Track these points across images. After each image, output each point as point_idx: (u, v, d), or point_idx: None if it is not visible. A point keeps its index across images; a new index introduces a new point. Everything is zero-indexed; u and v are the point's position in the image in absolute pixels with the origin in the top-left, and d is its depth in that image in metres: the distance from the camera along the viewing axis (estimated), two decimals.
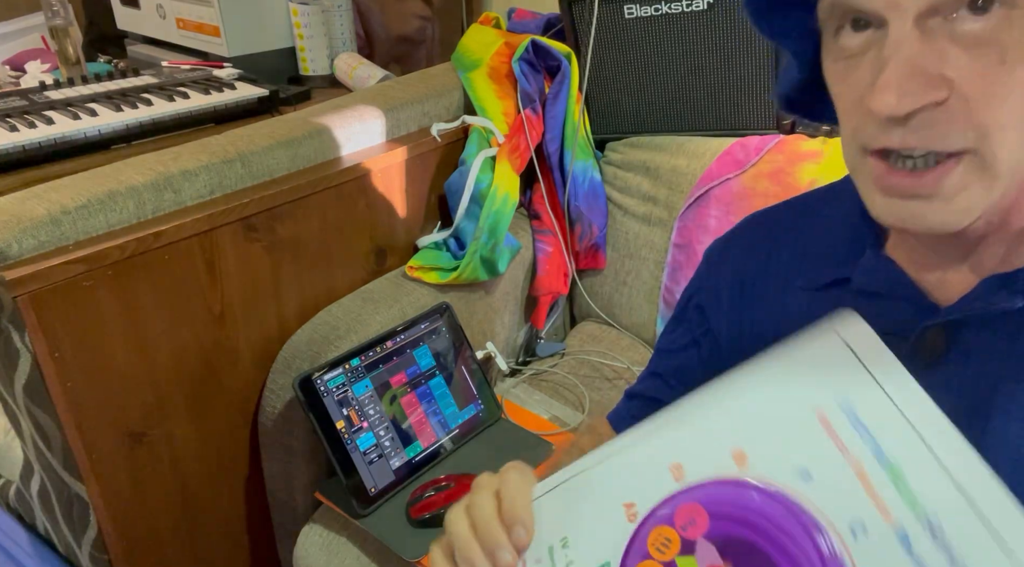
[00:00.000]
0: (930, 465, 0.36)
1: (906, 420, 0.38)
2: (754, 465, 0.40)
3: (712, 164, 1.26)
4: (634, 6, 1.26)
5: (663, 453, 0.44)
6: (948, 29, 0.41)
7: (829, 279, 0.57)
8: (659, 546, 0.41)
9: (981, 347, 0.49)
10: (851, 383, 0.39)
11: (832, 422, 0.39)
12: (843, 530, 0.37)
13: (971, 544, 0.33)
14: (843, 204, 0.57)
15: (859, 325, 0.41)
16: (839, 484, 0.37)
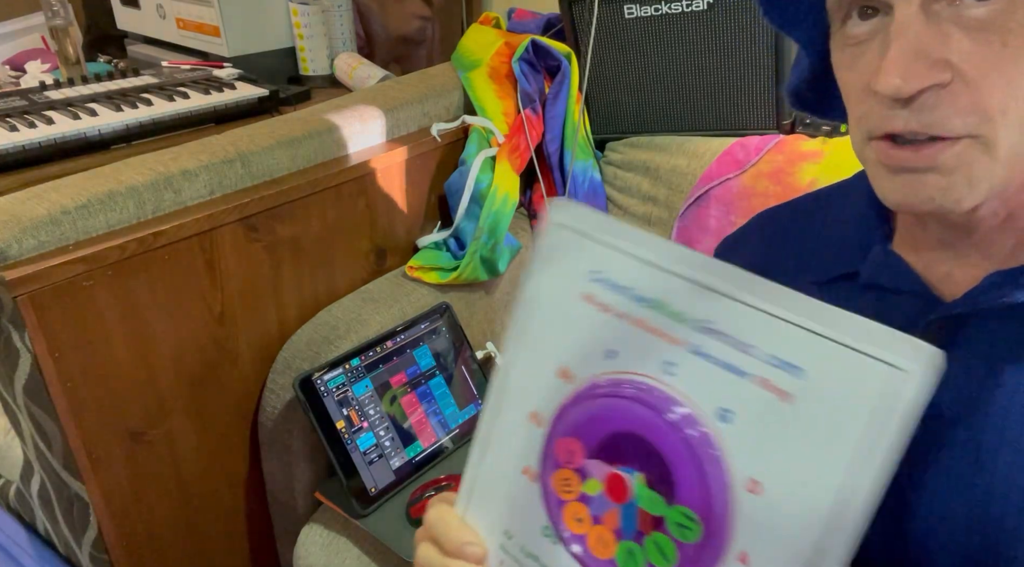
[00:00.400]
0: (676, 283, 0.39)
1: (641, 260, 0.41)
2: (577, 372, 0.43)
3: (712, 164, 1.26)
4: (634, 6, 1.26)
5: (517, 410, 0.46)
6: (952, 13, 0.42)
7: (837, 273, 0.57)
8: (565, 487, 0.43)
9: (986, 341, 0.49)
10: (589, 257, 0.42)
11: (597, 297, 0.42)
12: (657, 373, 0.40)
13: (740, 322, 0.37)
14: (852, 200, 0.58)
15: (570, 208, 0.44)
16: (637, 343, 0.40)
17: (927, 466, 0.51)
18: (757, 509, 0.37)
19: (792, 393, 0.36)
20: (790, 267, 0.61)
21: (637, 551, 0.41)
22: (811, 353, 0.35)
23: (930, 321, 0.50)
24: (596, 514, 0.42)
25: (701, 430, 0.38)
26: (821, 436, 0.35)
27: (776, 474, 0.36)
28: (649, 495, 0.40)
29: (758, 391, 0.36)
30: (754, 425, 0.37)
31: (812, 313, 0.36)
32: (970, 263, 0.51)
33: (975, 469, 0.49)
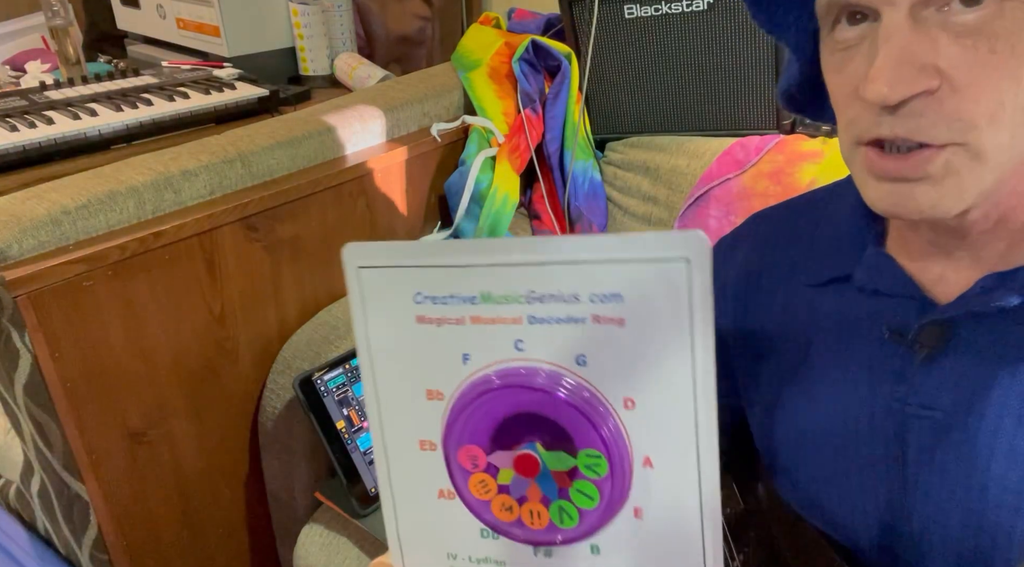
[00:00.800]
0: (488, 272, 0.42)
1: (448, 267, 0.43)
2: (443, 389, 0.45)
3: (712, 164, 1.26)
4: (634, 6, 1.26)
5: (407, 446, 0.48)
6: (941, 20, 0.42)
7: (831, 276, 0.57)
8: (483, 489, 0.45)
9: (978, 344, 0.49)
10: (405, 284, 0.44)
11: (428, 315, 0.44)
12: (511, 354, 0.43)
13: (555, 280, 0.41)
14: (847, 202, 0.58)
15: (362, 248, 0.45)
16: (482, 338, 0.44)
17: (922, 467, 0.51)
18: (639, 419, 0.42)
19: (622, 317, 0.41)
20: (784, 268, 0.61)
21: (566, 505, 0.44)
22: (618, 279, 0.40)
23: (923, 324, 0.51)
24: (520, 496, 0.45)
25: (569, 381, 0.42)
26: (660, 339, 0.41)
27: (641, 386, 0.42)
28: (554, 456, 0.43)
29: (597, 328, 0.41)
30: (608, 356, 0.42)
31: (604, 247, 0.40)
32: (962, 266, 0.51)
33: (969, 471, 0.49)
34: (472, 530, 0.48)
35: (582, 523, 0.44)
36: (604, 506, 0.44)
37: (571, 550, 0.46)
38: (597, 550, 0.46)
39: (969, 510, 0.50)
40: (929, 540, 0.52)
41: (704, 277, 0.39)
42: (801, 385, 0.58)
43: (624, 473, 0.43)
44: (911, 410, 0.51)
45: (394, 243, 0.45)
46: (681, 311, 0.40)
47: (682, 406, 0.42)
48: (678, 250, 0.39)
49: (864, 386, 0.54)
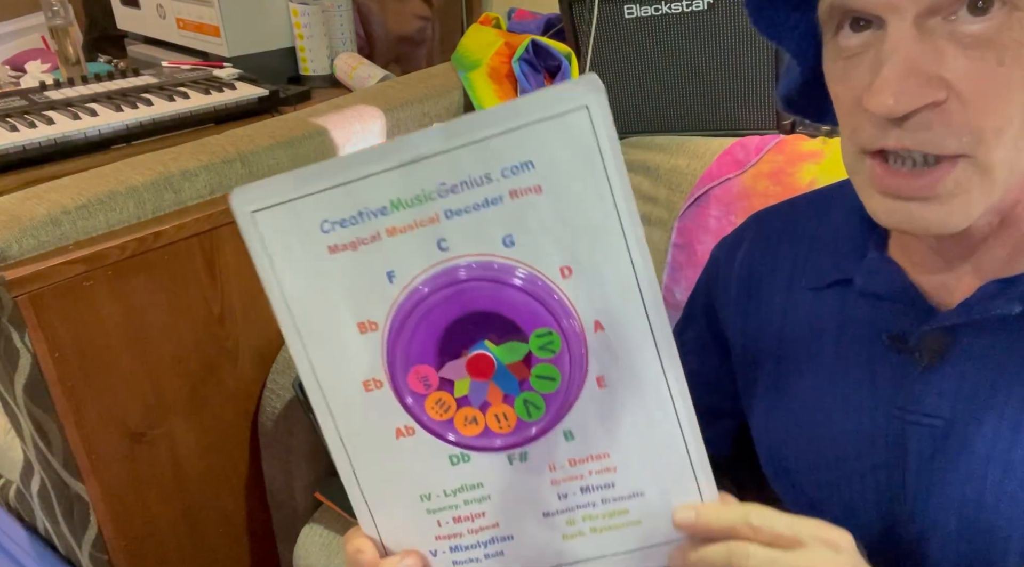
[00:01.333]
0: (390, 177, 0.41)
1: (346, 184, 0.41)
2: (374, 316, 0.43)
3: (712, 164, 1.26)
4: (634, 6, 1.26)
5: (349, 392, 0.45)
6: (947, 30, 0.41)
7: (832, 279, 0.57)
8: (442, 409, 0.44)
9: (980, 351, 0.49)
10: (306, 215, 0.42)
11: (340, 240, 0.42)
12: (436, 257, 0.42)
13: (462, 165, 0.40)
14: (848, 204, 0.57)
15: (248, 190, 0.42)
16: (402, 249, 0.42)
17: (921, 474, 0.51)
18: (579, 284, 0.42)
19: (539, 183, 0.40)
20: (786, 270, 0.61)
21: (530, 396, 0.43)
22: (525, 146, 0.40)
23: (924, 332, 0.50)
24: (481, 402, 0.44)
25: (499, 266, 0.41)
26: (579, 196, 0.40)
27: (573, 250, 0.41)
28: (506, 348, 0.42)
29: (516, 203, 0.41)
30: (534, 229, 0.41)
31: (502, 118, 0.39)
32: (965, 272, 0.50)
33: (966, 478, 0.49)
34: (440, 461, 0.46)
35: (549, 409, 0.43)
36: (567, 384, 0.43)
37: (545, 445, 0.45)
38: (571, 435, 0.45)
39: (966, 517, 0.49)
40: (928, 545, 0.52)
41: (606, 120, 0.39)
42: (801, 389, 0.58)
43: (579, 343, 0.42)
44: (911, 418, 0.51)
45: (283, 175, 0.42)
46: (593, 160, 0.40)
47: (618, 260, 0.41)
48: (576, 100, 0.39)
49: (864, 392, 0.54)
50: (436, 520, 0.47)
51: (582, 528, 0.47)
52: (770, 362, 0.61)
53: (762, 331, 0.61)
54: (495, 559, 0.48)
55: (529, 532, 0.47)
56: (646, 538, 0.46)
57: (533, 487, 0.46)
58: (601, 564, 0.47)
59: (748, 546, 0.42)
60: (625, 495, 0.46)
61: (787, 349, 0.59)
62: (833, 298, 0.57)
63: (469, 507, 0.47)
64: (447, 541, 0.48)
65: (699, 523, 0.44)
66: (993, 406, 0.48)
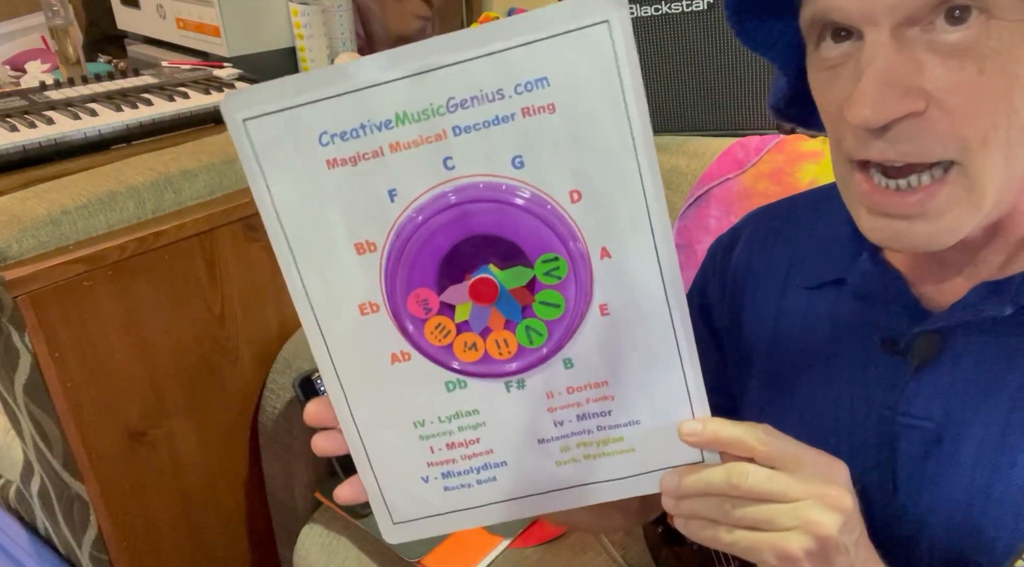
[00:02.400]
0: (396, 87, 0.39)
1: (350, 94, 0.39)
2: (374, 236, 0.42)
3: (712, 164, 1.26)
4: (634, 6, 1.26)
5: (345, 317, 0.44)
6: (926, 39, 0.41)
7: (826, 279, 0.57)
8: (442, 334, 0.43)
9: (971, 353, 0.49)
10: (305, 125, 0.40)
11: (340, 155, 0.40)
12: (441, 176, 0.40)
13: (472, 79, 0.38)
14: (844, 204, 0.57)
15: (242, 94, 0.40)
16: (406, 166, 0.40)
17: (911, 475, 0.51)
18: (588, 209, 0.40)
19: (552, 101, 0.38)
20: (782, 268, 0.61)
21: (532, 323, 0.42)
22: (541, 61, 0.38)
23: (916, 334, 0.50)
24: (482, 328, 0.43)
25: (507, 188, 0.40)
26: (593, 116, 0.39)
27: (584, 174, 0.40)
28: (511, 273, 0.41)
29: (528, 122, 0.39)
30: (544, 150, 0.39)
31: (519, 30, 0.38)
32: (958, 275, 0.50)
33: (956, 479, 0.49)
34: (437, 387, 0.45)
35: (551, 337, 0.42)
36: (571, 311, 0.42)
37: (544, 373, 0.44)
38: (570, 363, 0.44)
39: (956, 518, 0.50)
40: (917, 546, 0.52)
41: (627, 37, 0.37)
42: (793, 388, 0.58)
43: (585, 269, 0.41)
44: (902, 419, 0.51)
45: (282, 79, 0.39)
46: (611, 80, 0.38)
47: (629, 185, 0.40)
48: (596, 15, 0.37)
49: (856, 393, 0.54)
50: (429, 446, 0.46)
51: (576, 455, 0.46)
52: (763, 360, 0.61)
53: (756, 329, 0.61)
54: (487, 485, 0.47)
55: (523, 458, 0.47)
56: (639, 465, 0.46)
57: (530, 414, 0.45)
58: (593, 489, 0.47)
59: (747, 465, 0.42)
60: (621, 423, 0.45)
61: (780, 348, 0.59)
62: (826, 298, 0.57)
63: (463, 433, 0.46)
64: (439, 467, 0.47)
65: (706, 432, 0.44)
66: (983, 408, 0.48)
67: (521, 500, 0.48)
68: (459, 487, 0.47)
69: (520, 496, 0.47)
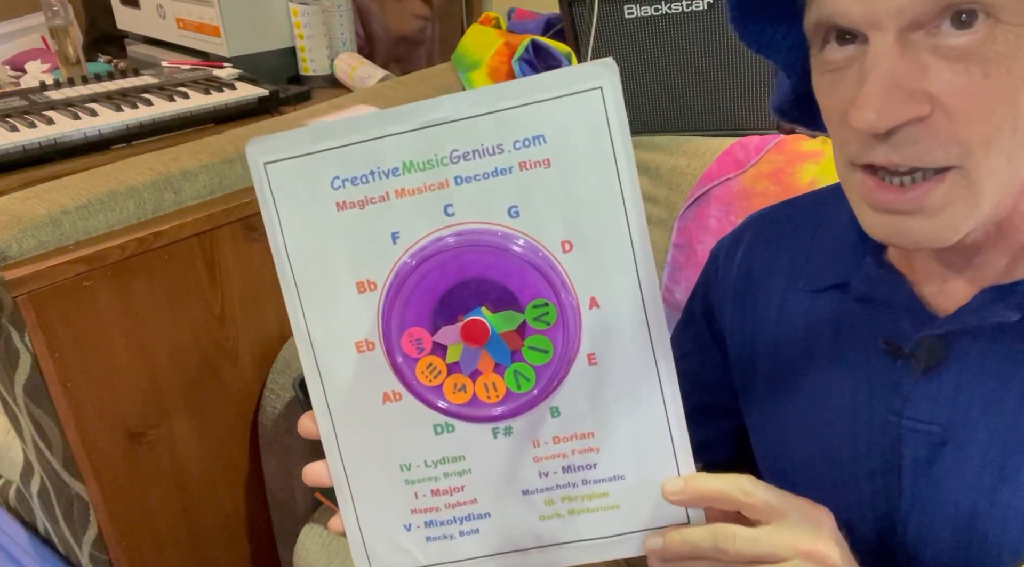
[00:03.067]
0: (405, 139, 0.42)
1: (363, 142, 0.42)
2: (375, 276, 0.44)
3: (712, 164, 1.26)
4: (634, 6, 1.26)
5: (342, 353, 0.45)
6: (931, 43, 0.41)
7: (829, 283, 0.56)
8: (432, 374, 0.44)
9: (976, 357, 0.49)
10: (320, 170, 0.43)
11: (349, 198, 0.43)
12: (440, 222, 0.43)
13: (475, 134, 0.42)
14: (848, 206, 0.57)
15: (266, 141, 0.43)
16: (409, 212, 0.43)
17: (916, 480, 0.51)
18: (578, 260, 0.43)
19: (548, 156, 0.42)
20: (784, 271, 0.61)
21: (520, 367, 0.43)
22: (539, 120, 0.41)
23: (920, 339, 0.50)
24: (471, 370, 0.44)
25: (502, 235, 0.42)
26: (586, 173, 0.42)
27: (576, 226, 0.42)
28: (502, 317, 0.43)
29: (524, 175, 0.42)
30: (539, 202, 0.42)
31: (520, 92, 0.41)
32: (963, 279, 0.50)
33: (961, 484, 0.49)
34: (425, 430, 0.46)
35: (539, 382, 0.43)
36: (558, 357, 0.43)
37: (531, 420, 0.45)
38: (557, 412, 0.45)
39: (960, 524, 0.49)
40: (922, 551, 0.52)
41: (618, 102, 0.41)
42: (796, 393, 0.58)
43: (574, 317, 0.43)
44: (907, 424, 0.51)
45: (300, 129, 0.43)
46: (602, 139, 0.41)
47: (618, 237, 0.42)
48: (591, 81, 0.41)
49: (860, 397, 0.54)
50: (414, 492, 0.47)
51: (560, 509, 0.46)
52: (766, 363, 0.61)
53: (759, 332, 0.61)
54: (470, 537, 0.47)
55: (507, 510, 0.47)
56: (623, 524, 0.46)
57: (515, 462, 0.46)
58: (576, 549, 0.47)
59: (733, 528, 0.42)
60: (606, 477, 0.46)
61: (783, 351, 0.59)
62: (830, 301, 0.56)
63: (449, 480, 0.46)
64: (423, 515, 0.47)
65: (688, 489, 0.44)
66: (989, 413, 0.48)
67: (504, 557, 0.47)
68: (441, 538, 0.47)
69: (502, 552, 0.47)
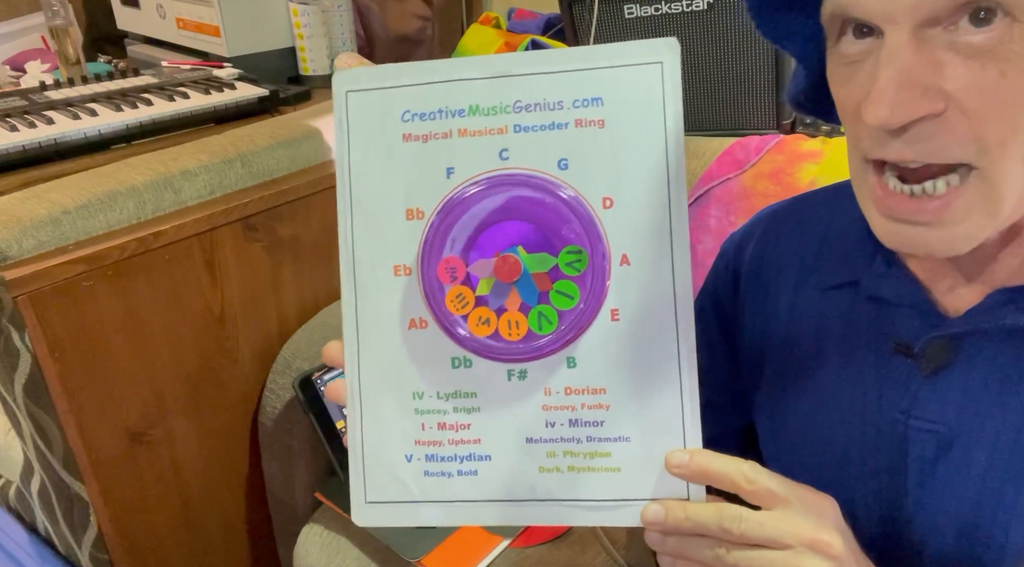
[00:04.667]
0: (476, 86, 0.46)
1: (437, 83, 0.46)
2: (424, 206, 0.46)
3: (712, 164, 1.26)
4: (634, 6, 1.26)
5: (379, 273, 0.47)
6: (948, 40, 0.40)
7: (840, 280, 0.56)
8: (460, 304, 0.45)
9: (985, 359, 0.49)
10: (393, 104, 0.47)
11: (415, 131, 0.46)
12: (495, 164, 0.46)
13: (538, 89, 0.45)
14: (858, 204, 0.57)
15: (352, 73, 0.47)
16: (467, 150, 0.46)
17: (922, 479, 0.51)
18: (617, 217, 0.45)
19: (603, 118, 0.45)
20: (794, 268, 0.60)
21: (545, 309, 0.45)
22: (600, 84, 0.45)
23: (929, 339, 0.50)
24: (498, 306, 0.45)
25: (549, 183, 0.45)
26: (636, 137, 0.45)
27: (619, 184, 0.45)
28: (536, 258, 0.45)
29: (578, 131, 0.45)
30: (588, 157, 0.45)
31: (587, 57, 0.45)
32: (975, 280, 0.49)
33: (966, 485, 0.49)
34: (443, 361, 0.47)
35: (560, 327, 0.45)
36: (583, 306, 0.45)
37: (547, 367, 0.46)
38: (574, 362, 0.46)
39: (964, 523, 0.49)
40: (926, 550, 0.52)
41: (675, 78, 0.44)
42: (804, 390, 0.58)
43: (603, 269, 0.45)
44: (914, 423, 0.51)
45: (383, 67, 0.47)
46: (655, 110, 0.44)
47: (657, 202, 0.45)
48: (654, 55, 0.44)
49: (868, 396, 0.53)
50: (421, 422, 0.47)
51: (560, 464, 0.46)
52: (775, 360, 0.61)
53: (768, 329, 0.61)
54: (467, 478, 0.47)
55: (508, 455, 0.47)
56: (621, 489, 0.46)
57: (524, 407, 0.46)
58: (571, 507, 0.47)
59: (740, 509, 0.42)
60: (611, 437, 0.46)
61: (792, 348, 0.59)
62: (840, 299, 0.56)
63: (457, 415, 0.47)
64: (425, 448, 0.47)
65: (693, 464, 0.44)
66: (996, 415, 0.48)
67: (496, 504, 0.47)
68: (439, 474, 0.47)
69: (496, 499, 0.47)
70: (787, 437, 0.59)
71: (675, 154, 0.44)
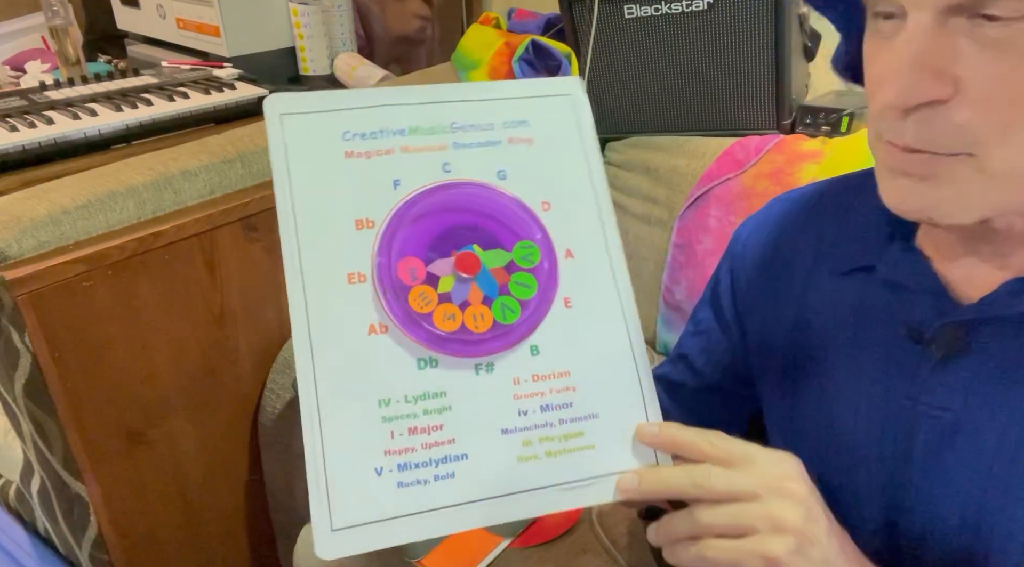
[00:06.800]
0: (418, 110, 0.51)
1: (377, 107, 0.50)
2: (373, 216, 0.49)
3: (712, 164, 1.26)
4: (634, 6, 1.26)
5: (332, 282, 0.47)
6: (969, 28, 0.41)
7: (855, 265, 0.56)
8: (423, 302, 0.47)
9: (996, 347, 0.49)
10: (333, 125, 0.49)
11: (357, 149, 0.49)
12: (438, 176, 0.50)
13: (473, 113, 0.52)
14: (877, 191, 0.57)
15: (285, 97, 0.50)
16: (411, 164, 0.50)
17: (927, 466, 0.51)
18: (556, 217, 0.51)
19: (531, 137, 0.52)
20: (809, 253, 0.60)
21: (506, 300, 0.49)
22: (525, 110, 0.52)
23: (941, 326, 0.50)
24: (461, 301, 0.48)
25: (493, 189, 0.50)
26: (561, 152, 0.52)
27: (553, 190, 0.52)
28: (491, 254, 0.49)
29: (512, 147, 0.52)
30: (523, 169, 0.51)
31: (510, 90, 0.53)
32: (990, 267, 0.50)
33: (972, 472, 0.49)
34: (408, 364, 0.46)
35: (524, 313, 0.49)
36: (540, 293, 0.49)
37: (512, 358, 0.48)
38: (537, 350, 0.49)
39: (969, 511, 0.50)
40: (929, 538, 0.52)
41: (582, 105, 0.53)
42: (816, 374, 0.58)
43: (553, 260, 0.50)
44: (922, 409, 0.51)
45: (314, 93, 0.50)
46: (571, 129, 0.53)
47: (586, 202, 0.52)
48: (561, 90, 0.54)
49: (878, 381, 0.54)
50: (390, 430, 0.45)
51: (537, 450, 0.47)
52: (787, 345, 0.61)
53: (781, 313, 0.61)
54: (445, 483, 0.45)
55: (485, 450, 0.46)
56: (597, 465, 0.48)
57: (496, 399, 0.47)
58: (552, 492, 0.47)
59: (708, 466, 0.45)
60: (581, 416, 0.49)
61: (805, 333, 0.59)
62: (854, 284, 0.56)
63: (428, 417, 0.46)
64: (397, 456, 0.45)
65: (662, 434, 0.48)
66: (1004, 403, 0.48)
67: (477, 505, 0.46)
68: (414, 483, 0.45)
69: (477, 499, 0.46)
70: (794, 421, 0.59)
71: (595, 162, 0.53)
